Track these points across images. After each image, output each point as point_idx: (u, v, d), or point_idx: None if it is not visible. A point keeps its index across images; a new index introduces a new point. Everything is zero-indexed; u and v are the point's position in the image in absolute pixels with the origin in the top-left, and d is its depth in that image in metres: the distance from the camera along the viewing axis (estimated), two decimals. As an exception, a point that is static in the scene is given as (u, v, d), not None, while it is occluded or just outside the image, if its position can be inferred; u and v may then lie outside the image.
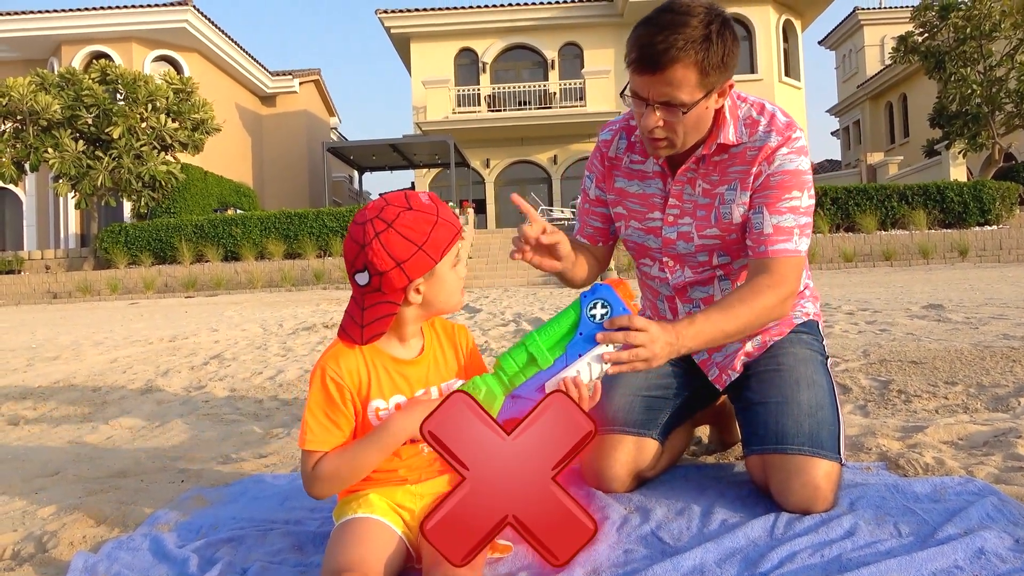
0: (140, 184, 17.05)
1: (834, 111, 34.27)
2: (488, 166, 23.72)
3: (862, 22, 30.40)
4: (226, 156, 22.73)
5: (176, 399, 3.16)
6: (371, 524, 1.14)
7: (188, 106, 17.49)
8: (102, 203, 17.76)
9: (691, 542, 1.28)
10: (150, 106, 16.88)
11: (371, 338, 1.19)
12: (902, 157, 23.12)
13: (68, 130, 16.62)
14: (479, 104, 22.95)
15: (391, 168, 24.19)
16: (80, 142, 16.69)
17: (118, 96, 17.20)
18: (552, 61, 23.37)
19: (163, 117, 16.98)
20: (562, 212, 19.52)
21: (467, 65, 23.69)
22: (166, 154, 17.65)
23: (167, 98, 17.09)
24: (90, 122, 16.81)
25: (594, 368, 1.26)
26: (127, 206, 19.15)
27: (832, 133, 36.22)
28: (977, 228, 15.56)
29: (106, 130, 16.60)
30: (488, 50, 23.42)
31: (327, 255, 16.29)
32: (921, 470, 1.62)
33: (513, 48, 23.67)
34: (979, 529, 1.22)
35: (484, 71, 23.43)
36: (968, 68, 18.23)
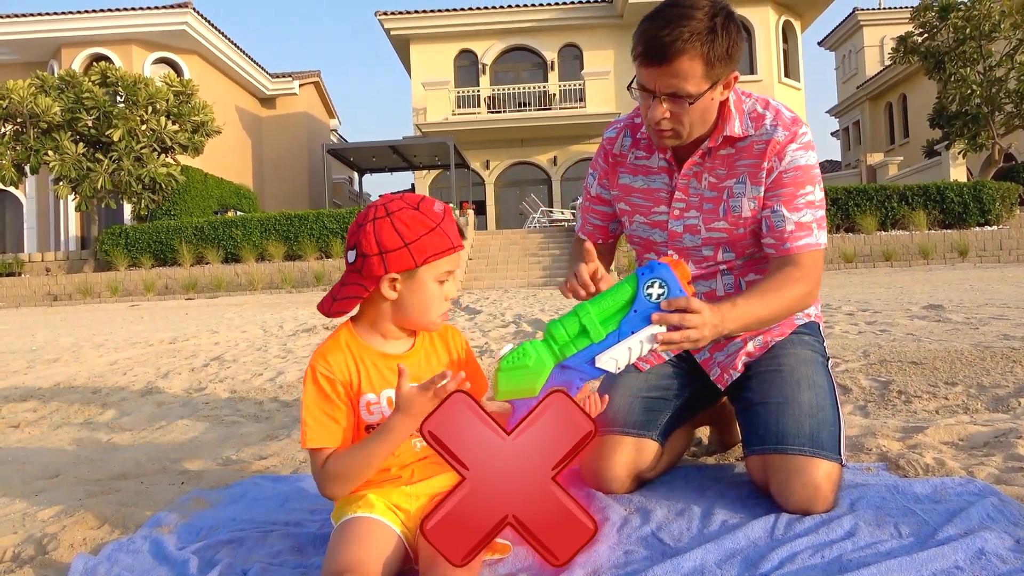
0: (140, 186, 17.06)
1: (834, 112, 34.29)
2: (488, 167, 23.73)
3: (861, 23, 30.42)
4: (226, 158, 22.75)
5: (176, 401, 3.16)
6: (370, 524, 1.15)
7: (188, 108, 17.51)
8: (102, 205, 17.78)
9: (691, 543, 1.28)
10: (150, 108, 16.90)
11: (337, 312, 1.22)
12: (902, 158, 23.12)
13: (68, 132, 16.63)
14: (479, 105, 22.96)
15: (391, 170, 24.20)
16: (80, 144, 16.70)
17: (118, 98, 17.22)
18: (552, 62, 23.38)
19: (163, 119, 16.99)
20: (562, 213, 19.52)
21: (467, 67, 23.70)
22: (166, 156, 17.66)
23: (167, 100, 17.10)
24: (90, 124, 16.82)
25: (644, 347, 1.27)
26: (127, 208, 19.15)
27: (832, 134, 36.23)
28: (977, 228, 15.56)
29: (106, 132, 16.61)
30: (488, 51, 23.44)
31: (327, 257, 16.30)
32: (921, 471, 1.62)
33: (513, 49, 23.68)
34: (979, 530, 1.21)
35: (484, 72, 23.44)
36: (968, 68, 18.23)
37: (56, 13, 20.26)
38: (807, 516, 1.33)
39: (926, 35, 18.99)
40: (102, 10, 20.27)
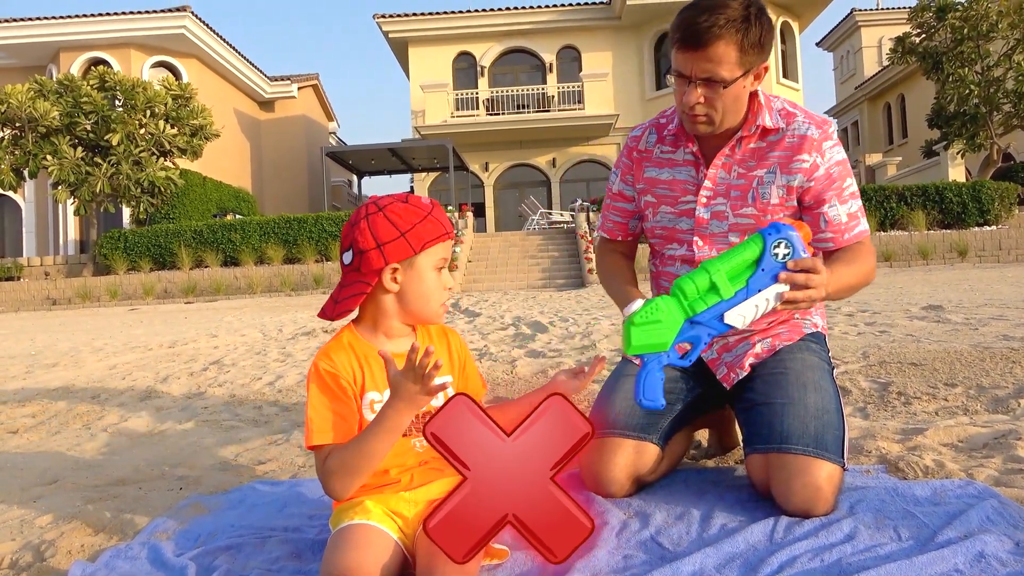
0: (139, 190, 17.05)
1: (832, 112, 34.30)
2: (487, 170, 23.73)
3: (859, 23, 30.45)
4: (225, 161, 22.75)
5: (175, 405, 3.16)
6: (367, 530, 1.14)
7: (187, 112, 17.51)
8: (101, 209, 17.77)
9: (691, 547, 1.28)
10: (149, 112, 16.89)
11: (340, 313, 1.23)
12: (901, 158, 23.14)
13: (67, 137, 16.63)
14: (477, 108, 22.98)
15: (390, 172, 24.19)
16: (79, 149, 16.69)
17: (117, 102, 17.22)
18: (550, 64, 23.40)
19: (162, 123, 16.99)
20: (561, 215, 19.53)
21: (465, 69, 23.72)
22: (165, 160, 17.66)
23: (166, 104, 17.10)
24: (89, 128, 16.82)
25: (769, 304, 1.32)
26: (126, 212, 19.15)
27: (830, 134, 36.21)
28: (976, 228, 15.57)
29: (105, 136, 16.60)
30: (486, 54, 23.46)
31: (326, 260, 16.29)
32: (921, 473, 1.62)
33: (511, 52, 23.70)
34: (979, 532, 1.21)
35: (482, 75, 23.46)
36: (966, 68, 18.23)
37: (54, 17, 20.27)
38: (807, 519, 1.33)
39: (924, 35, 18.99)
40: (100, 14, 20.28)
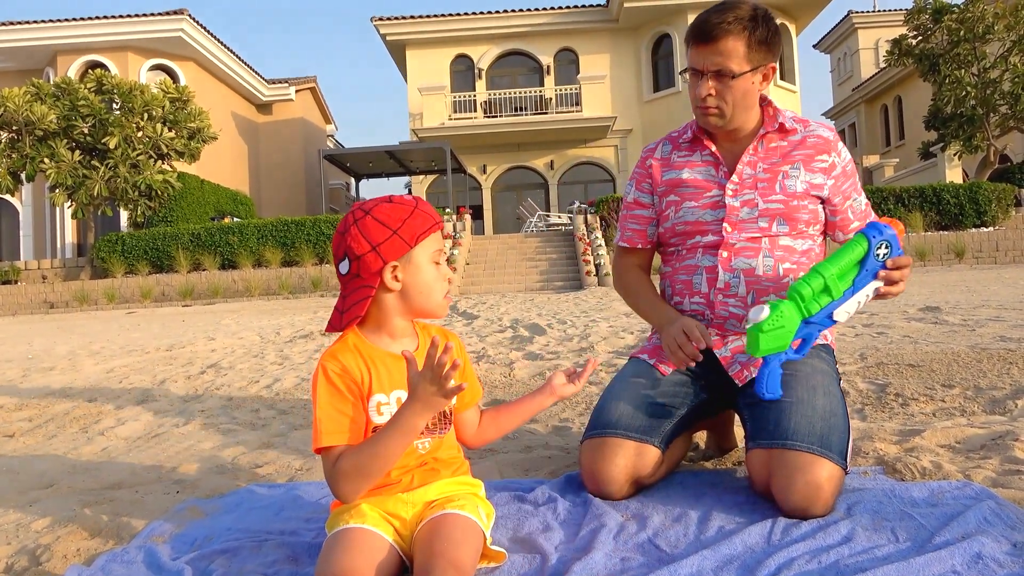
0: (137, 193, 17.04)
1: (829, 114, 34.39)
2: (485, 172, 23.74)
3: (856, 25, 30.53)
4: (222, 164, 22.74)
5: (172, 409, 3.15)
6: (362, 534, 1.14)
7: (184, 115, 17.50)
8: (99, 212, 17.74)
9: (688, 549, 1.27)
10: (146, 115, 16.89)
11: (349, 321, 1.23)
12: (898, 159, 23.21)
13: (64, 140, 16.61)
14: (475, 110, 22.99)
15: (388, 175, 24.20)
16: (76, 152, 16.68)
17: (114, 105, 17.20)
18: (547, 67, 23.42)
19: (159, 126, 16.98)
20: (559, 217, 19.54)
21: (463, 71, 23.74)
22: (162, 163, 17.64)
23: (163, 107, 17.10)
24: (86, 132, 16.80)
25: (868, 298, 1.48)
26: (124, 215, 19.13)
27: (828, 136, 36.27)
28: (973, 230, 15.60)
29: (102, 140, 16.59)
30: (484, 56, 23.48)
31: (324, 262, 16.29)
32: (918, 474, 1.62)
33: (508, 54, 23.72)
34: (976, 534, 1.21)
35: (480, 77, 23.48)
36: (962, 70, 18.29)
37: (51, 20, 20.25)
38: (804, 521, 1.33)
39: (920, 37, 19.06)
40: (97, 17, 20.27)
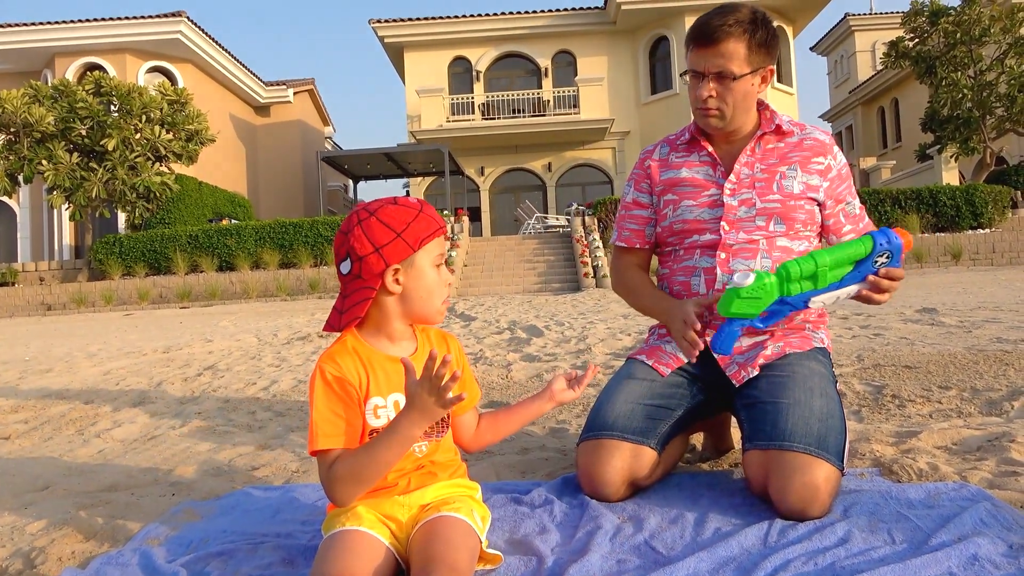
0: (134, 195, 17.03)
1: (827, 116, 34.44)
2: (483, 174, 23.75)
3: (853, 28, 30.58)
4: (220, 166, 22.72)
5: (169, 411, 3.15)
6: (359, 536, 1.14)
7: (182, 117, 17.49)
8: (96, 214, 17.73)
9: (684, 551, 1.27)
10: (144, 117, 16.87)
11: (348, 323, 1.23)
12: (895, 161, 23.24)
13: (62, 142, 16.59)
14: (473, 112, 23.00)
15: (386, 177, 24.20)
16: (74, 154, 16.66)
17: (112, 107, 17.19)
18: (545, 69, 23.44)
19: (157, 128, 16.97)
20: (557, 219, 19.54)
21: (461, 74, 23.75)
22: (160, 165, 17.63)
23: (161, 109, 17.09)
24: (84, 134, 16.79)
25: (848, 296, 1.49)
26: (121, 217, 19.10)
27: (825, 138, 36.31)
28: (970, 231, 15.63)
29: (100, 142, 16.58)
30: (481, 58, 23.49)
31: (322, 264, 16.28)
32: (915, 476, 1.62)
33: (506, 56, 23.74)
34: (973, 535, 1.21)
35: (478, 79, 23.49)
36: (959, 73, 18.33)
37: (49, 23, 20.22)
38: (800, 523, 1.32)
39: (917, 40, 19.10)
40: (95, 19, 20.25)
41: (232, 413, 3.03)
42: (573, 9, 22.66)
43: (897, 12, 25.55)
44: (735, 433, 2.00)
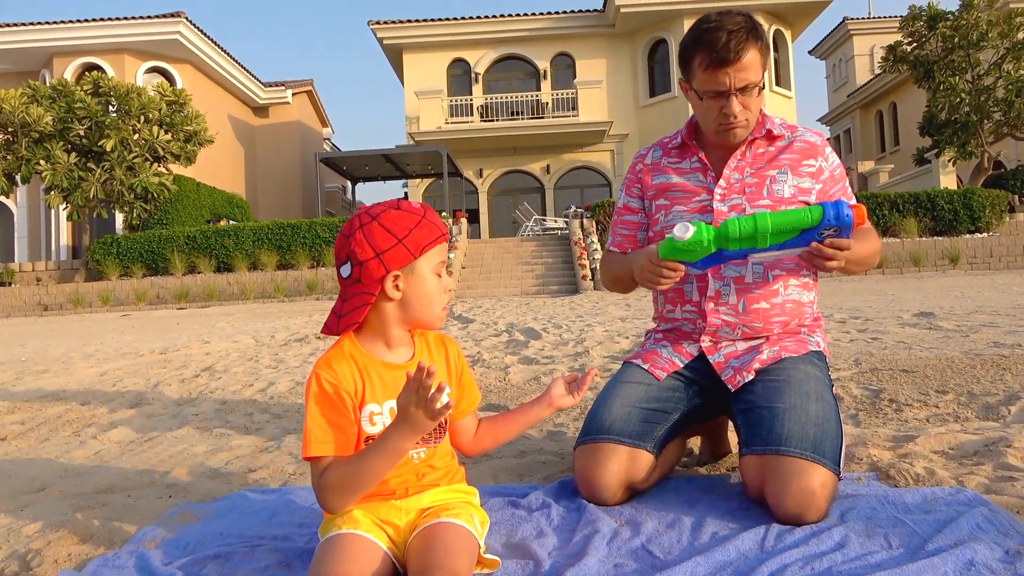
0: (132, 196, 17.00)
1: (825, 120, 34.51)
2: (481, 176, 23.76)
3: (851, 32, 30.66)
4: (219, 167, 22.70)
5: (166, 412, 3.14)
6: (355, 540, 1.14)
7: (181, 117, 17.48)
8: (94, 215, 17.71)
9: (681, 555, 1.27)
10: (142, 118, 16.86)
11: (346, 327, 1.22)
12: (892, 165, 23.28)
13: (60, 142, 16.57)
14: (472, 114, 23.01)
15: (384, 178, 24.20)
16: (72, 154, 16.64)
17: (110, 108, 17.17)
18: (544, 71, 23.47)
19: (155, 129, 16.96)
20: (555, 222, 19.56)
21: (459, 75, 23.77)
22: (158, 165, 17.61)
23: (160, 110, 17.07)
24: (82, 134, 16.77)
25: (788, 256, 1.53)
26: (119, 218, 19.08)
27: (823, 142, 36.37)
28: (967, 236, 15.65)
29: (98, 142, 16.56)
30: (480, 60, 23.51)
31: (320, 265, 16.27)
32: (912, 480, 1.62)
33: (505, 59, 23.77)
34: (969, 540, 1.21)
35: (476, 81, 23.51)
36: (956, 77, 18.38)
37: (48, 23, 20.20)
38: (797, 527, 1.33)
39: (915, 44, 19.15)
40: (94, 19, 20.25)
41: (229, 415, 3.02)
42: (572, 11, 22.70)
43: (895, 16, 25.64)
44: (732, 437, 2.00)
